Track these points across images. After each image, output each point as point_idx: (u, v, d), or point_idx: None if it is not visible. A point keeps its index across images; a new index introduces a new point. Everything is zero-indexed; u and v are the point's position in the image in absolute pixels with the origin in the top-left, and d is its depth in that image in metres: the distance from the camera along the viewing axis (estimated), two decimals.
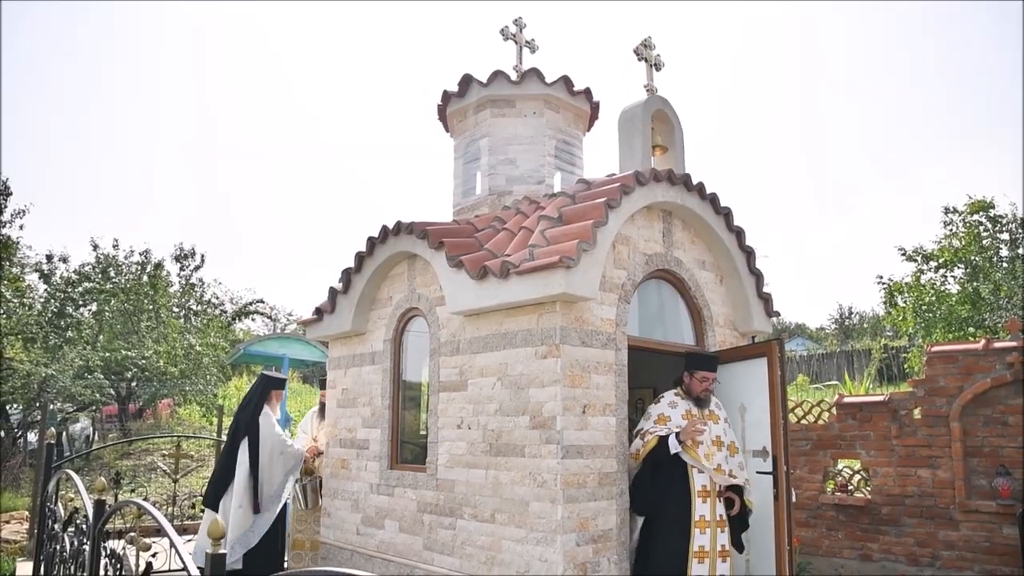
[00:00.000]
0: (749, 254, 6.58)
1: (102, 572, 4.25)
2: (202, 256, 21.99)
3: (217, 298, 23.34)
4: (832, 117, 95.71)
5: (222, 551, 2.77)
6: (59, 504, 6.49)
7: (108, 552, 4.26)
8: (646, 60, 6.63)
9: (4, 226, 15.24)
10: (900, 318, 14.38)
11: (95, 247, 19.17)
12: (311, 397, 20.19)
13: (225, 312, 23.39)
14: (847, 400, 7.93)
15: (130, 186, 70.52)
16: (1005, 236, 14.06)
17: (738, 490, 5.46)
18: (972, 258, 13.75)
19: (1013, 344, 6.83)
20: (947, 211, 14.51)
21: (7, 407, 15.33)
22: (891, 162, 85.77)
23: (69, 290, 17.17)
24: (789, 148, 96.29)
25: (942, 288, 14.04)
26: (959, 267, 14.10)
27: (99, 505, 4.44)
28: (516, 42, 7.58)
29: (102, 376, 15.67)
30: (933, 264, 14.34)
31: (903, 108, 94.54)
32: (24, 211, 15.59)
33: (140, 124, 77.35)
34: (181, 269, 21.66)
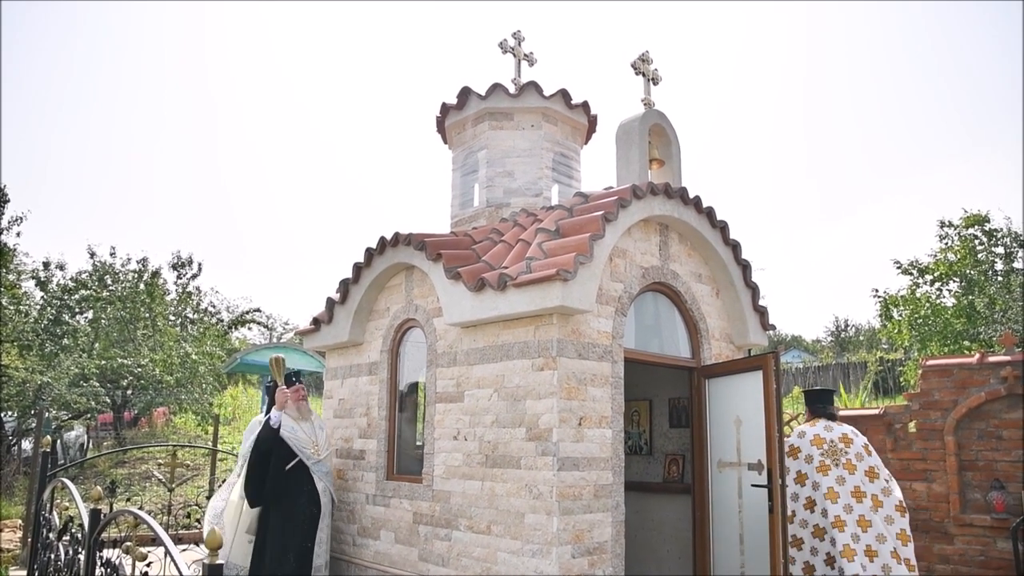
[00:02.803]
0: (745, 267, 6.62)
1: None
2: (199, 264, 21.95)
3: (214, 307, 23.28)
4: (829, 127, 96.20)
5: (219, 562, 2.79)
6: (54, 513, 6.47)
7: (103, 561, 4.26)
8: (644, 74, 6.69)
9: (1, 233, 15.23)
10: (896, 331, 14.41)
11: (92, 255, 19.15)
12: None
13: (222, 321, 23.29)
14: (842, 413, 7.95)
15: (128, 194, 70.56)
16: (1000, 250, 14.12)
17: None
18: (967, 272, 13.80)
19: (1007, 358, 6.86)
20: (942, 225, 14.57)
21: (2, 415, 15.27)
22: (887, 172, 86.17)
23: (65, 297, 17.12)
24: (784, 158, 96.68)
25: (937, 301, 14.08)
26: (954, 281, 14.14)
27: (95, 514, 4.43)
28: (515, 55, 7.63)
29: (98, 384, 15.62)
30: (929, 278, 14.39)
31: (900, 117, 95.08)
32: (21, 218, 15.56)
33: (138, 132, 77.48)
34: (178, 277, 21.61)
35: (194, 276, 21.87)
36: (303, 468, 6.24)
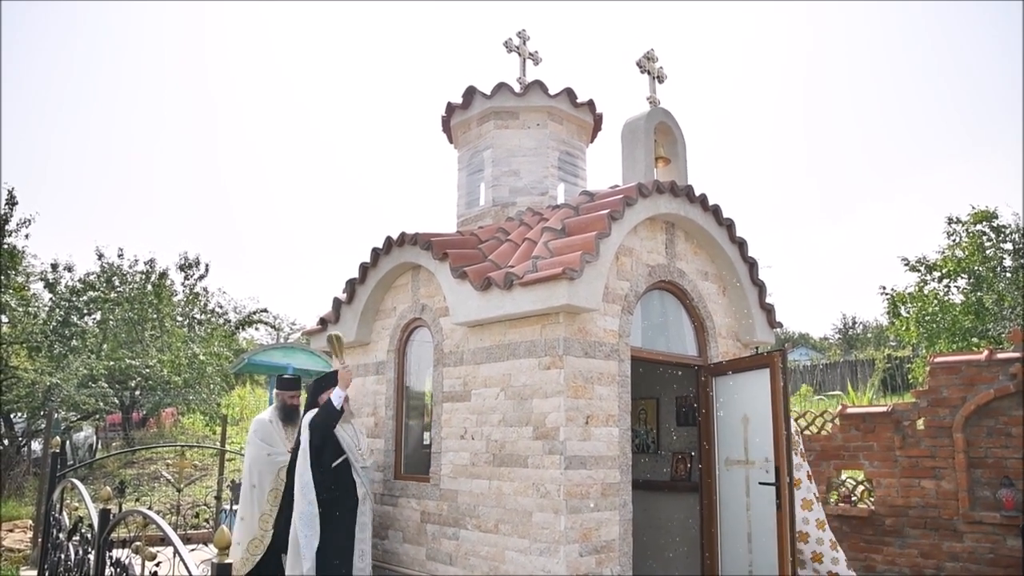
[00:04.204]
0: (752, 265, 6.60)
1: None
2: (206, 265, 22.00)
3: (221, 307, 23.36)
4: (834, 123, 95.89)
5: (228, 561, 2.80)
6: (64, 513, 6.51)
7: (113, 561, 4.28)
8: (649, 72, 6.68)
9: (10, 235, 15.30)
10: (903, 328, 14.36)
11: (100, 256, 19.24)
12: None
13: (229, 321, 23.35)
14: (850, 411, 7.93)
15: (135, 195, 70.83)
16: (1008, 246, 14.04)
17: None
18: (975, 268, 13.73)
19: (1016, 355, 6.83)
20: (950, 221, 14.49)
21: (12, 415, 15.36)
22: (893, 168, 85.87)
23: (74, 299, 17.22)
24: (790, 156, 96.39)
25: (945, 298, 14.02)
26: (962, 277, 14.07)
27: (104, 514, 4.45)
28: (520, 54, 7.63)
29: (106, 385, 15.70)
30: (936, 274, 14.32)
31: (905, 113, 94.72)
32: (30, 220, 15.66)
33: (145, 133, 77.78)
34: (185, 278, 21.67)
35: (201, 277, 21.93)
36: (347, 471, 5.82)
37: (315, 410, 5.89)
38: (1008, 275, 13.76)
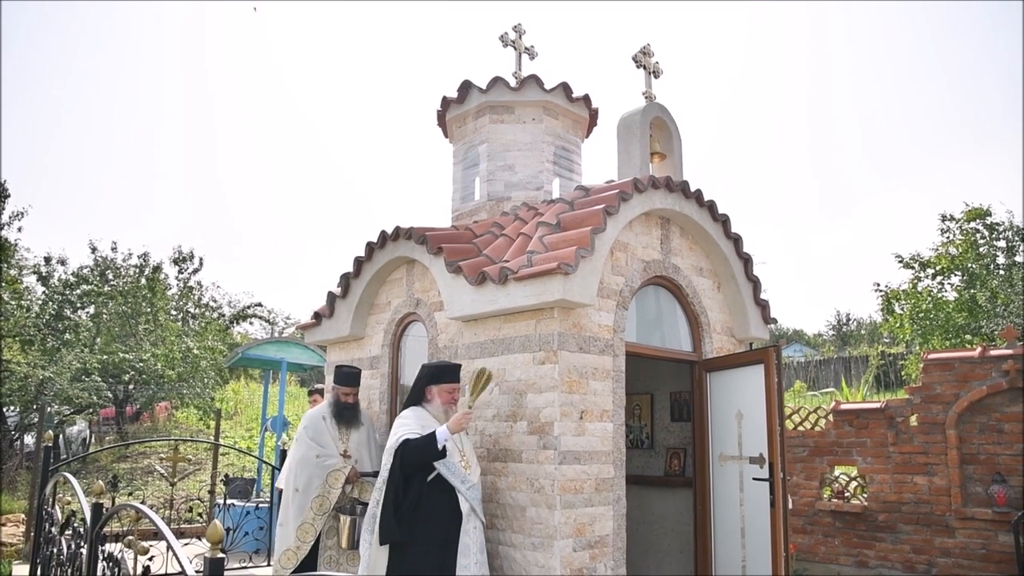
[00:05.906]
0: (746, 261, 6.61)
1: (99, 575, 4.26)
2: (200, 259, 21.91)
3: (215, 301, 23.27)
4: (832, 122, 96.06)
5: (220, 555, 2.78)
6: (56, 507, 6.49)
7: (106, 555, 4.26)
8: (645, 67, 6.66)
9: (2, 228, 15.22)
10: (897, 325, 14.41)
11: (94, 250, 19.16)
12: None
13: (223, 315, 23.28)
14: (844, 407, 7.95)
15: (129, 189, 70.60)
16: (1002, 244, 14.08)
17: None
18: (969, 266, 13.78)
19: (1009, 352, 6.86)
20: (944, 219, 14.54)
21: (4, 409, 15.30)
22: (889, 168, 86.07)
23: (67, 292, 17.15)
24: (787, 153, 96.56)
25: (939, 295, 14.07)
26: (956, 275, 14.13)
27: (97, 508, 4.44)
28: (515, 48, 7.61)
29: (99, 379, 15.65)
30: (930, 271, 14.37)
31: (902, 113, 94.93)
32: (23, 213, 15.57)
33: (140, 127, 77.50)
34: (179, 272, 21.58)
35: (195, 271, 21.85)
36: (445, 484, 4.84)
37: (409, 423, 4.98)
38: (1001, 272, 13.81)
